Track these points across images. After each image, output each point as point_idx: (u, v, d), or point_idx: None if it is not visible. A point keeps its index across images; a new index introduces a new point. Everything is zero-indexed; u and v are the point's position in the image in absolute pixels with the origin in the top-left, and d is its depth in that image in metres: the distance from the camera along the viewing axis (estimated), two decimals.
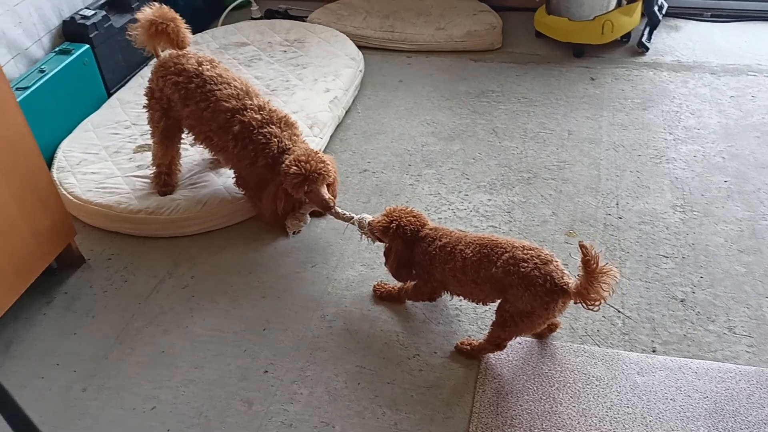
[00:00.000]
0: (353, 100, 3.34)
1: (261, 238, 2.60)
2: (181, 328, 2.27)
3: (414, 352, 2.14)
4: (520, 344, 2.14)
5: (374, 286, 2.35)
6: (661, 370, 2.05)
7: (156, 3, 2.53)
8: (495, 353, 2.10)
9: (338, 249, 2.52)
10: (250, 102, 2.43)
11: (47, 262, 2.36)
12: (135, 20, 2.51)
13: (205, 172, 2.79)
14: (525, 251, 1.88)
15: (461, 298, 2.13)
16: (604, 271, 1.74)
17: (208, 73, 2.46)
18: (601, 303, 1.78)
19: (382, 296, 2.32)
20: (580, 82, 3.39)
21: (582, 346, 2.13)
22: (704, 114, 3.11)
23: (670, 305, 2.24)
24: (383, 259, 2.19)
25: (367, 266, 2.44)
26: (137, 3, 3.45)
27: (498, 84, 3.41)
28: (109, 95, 3.33)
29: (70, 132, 3.06)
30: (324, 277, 2.42)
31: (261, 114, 2.41)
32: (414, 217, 2.10)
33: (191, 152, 2.87)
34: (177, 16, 2.52)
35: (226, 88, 2.43)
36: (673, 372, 2.04)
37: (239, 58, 3.51)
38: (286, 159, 2.34)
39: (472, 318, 2.23)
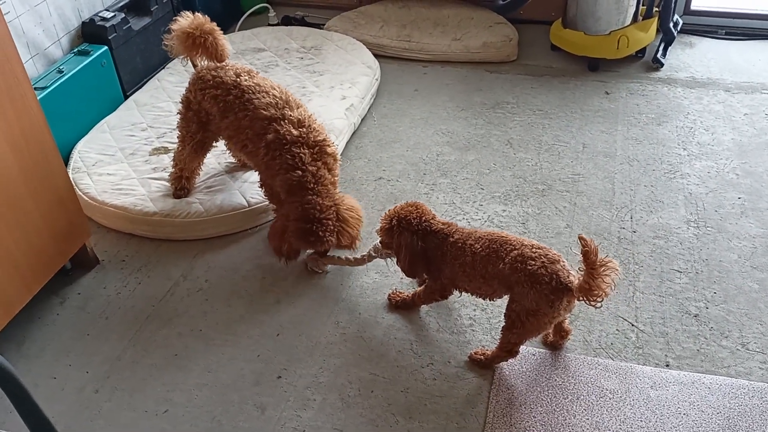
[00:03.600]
0: (369, 108, 3.35)
1: None
2: (195, 331, 2.28)
3: (428, 360, 2.15)
4: (533, 355, 2.14)
5: (389, 295, 2.35)
6: (674, 384, 2.05)
7: (190, 12, 2.46)
8: (508, 362, 2.10)
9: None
10: (289, 113, 2.34)
11: (62, 262, 2.37)
12: (170, 30, 2.46)
13: (222, 175, 2.80)
14: (533, 249, 1.90)
15: (469, 294, 2.12)
16: (605, 263, 1.75)
17: (246, 83, 2.41)
18: (603, 298, 1.79)
19: (397, 305, 2.32)
20: (595, 96, 3.40)
21: (596, 359, 2.13)
22: (718, 130, 3.12)
23: (684, 320, 2.24)
24: (398, 268, 2.19)
25: (381, 274, 2.45)
26: (156, 6, 3.48)
27: (513, 96, 3.42)
28: (126, 97, 3.35)
29: (86, 133, 3.07)
30: (338, 283, 2.42)
31: (299, 130, 2.31)
32: (412, 206, 2.07)
33: (208, 156, 2.88)
34: (215, 27, 2.46)
35: (264, 97, 2.37)
36: (686, 387, 2.04)
37: (256, 63, 3.53)
38: (302, 200, 2.25)
39: (486, 328, 2.23)
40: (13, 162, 2.07)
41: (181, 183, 2.68)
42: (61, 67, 2.99)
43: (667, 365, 2.11)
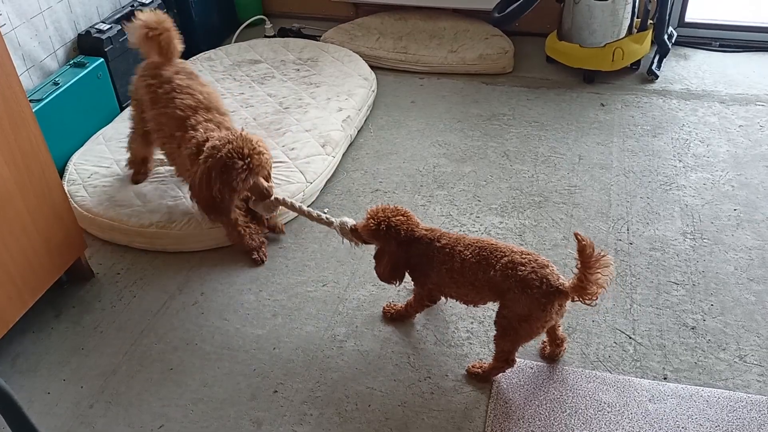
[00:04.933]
0: (366, 120, 3.35)
1: (272, 256, 2.60)
2: (191, 345, 2.26)
3: (425, 374, 2.13)
4: (531, 369, 2.13)
5: (384, 308, 2.34)
6: (672, 397, 2.05)
7: (157, 9, 2.55)
8: (506, 376, 2.09)
9: (350, 269, 2.52)
10: (204, 115, 2.41)
11: (57, 276, 2.35)
12: (131, 20, 2.54)
13: None
14: (523, 256, 1.92)
15: (454, 299, 2.12)
16: (601, 257, 1.78)
17: (179, 81, 2.48)
18: (598, 296, 1.82)
19: (392, 317, 2.31)
20: (591, 108, 3.41)
21: (593, 372, 2.12)
22: (713, 142, 3.13)
23: (681, 332, 2.24)
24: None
25: (378, 286, 2.44)
26: None
27: (509, 107, 3.43)
28: (122, 109, 3.34)
29: (81, 145, 3.07)
30: (335, 296, 2.42)
31: (193, 106, 2.42)
32: (403, 215, 2.05)
33: None
34: (171, 26, 2.54)
35: (186, 99, 2.44)
36: (684, 400, 2.04)
37: (252, 75, 3.54)
38: (219, 144, 2.25)
39: (483, 341, 2.22)
40: (9, 175, 2.06)
41: (136, 167, 2.78)
42: (56, 79, 2.98)
43: (665, 378, 2.10)
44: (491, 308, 2.12)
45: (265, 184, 2.32)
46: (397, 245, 2.04)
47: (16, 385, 2.15)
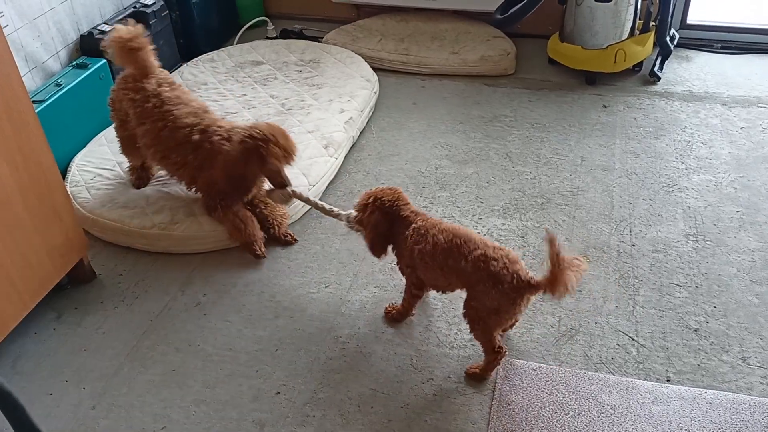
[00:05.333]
0: (367, 122, 3.35)
1: (275, 257, 2.59)
2: (193, 346, 2.26)
3: (428, 376, 2.13)
4: (534, 370, 2.13)
5: (386, 309, 2.34)
6: (675, 399, 2.04)
7: (133, 22, 2.56)
8: (508, 378, 2.09)
9: (352, 270, 2.52)
10: (207, 114, 2.52)
11: (59, 277, 2.35)
12: (108, 35, 2.57)
13: None
14: (495, 251, 1.95)
15: (426, 286, 2.16)
16: (572, 264, 1.82)
17: (166, 94, 2.52)
18: (564, 295, 1.85)
19: (393, 318, 2.31)
20: (593, 110, 3.40)
21: (596, 374, 2.11)
22: (716, 144, 3.12)
23: (684, 334, 2.24)
24: (397, 282, 2.19)
25: (381, 288, 2.43)
26: (155, 19, 3.48)
27: (511, 109, 3.42)
28: None
29: (84, 146, 3.07)
30: (338, 298, 2.41)
31: (193, 112, 2.50)
32: (391, 190, 2.13)
33: None
34: (146, 42, 2.54)
35: (184, 107, 2.51)
36: (687, 402, 2.03)
37: (254, 76, 3.54)
38: (253, 134, 2.36)
39: None
40: (10, 177, 2.06)
41: (136, 173, 2.79)
42: (59, 81, 2.98)
43: (668, 380, 2.10)
44: None
45: (282, 170, 2.40)
46: (381, 215, 2.10)
47: (18, 386, 2.14)
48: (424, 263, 2.05)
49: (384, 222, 2.10)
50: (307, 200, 2.50)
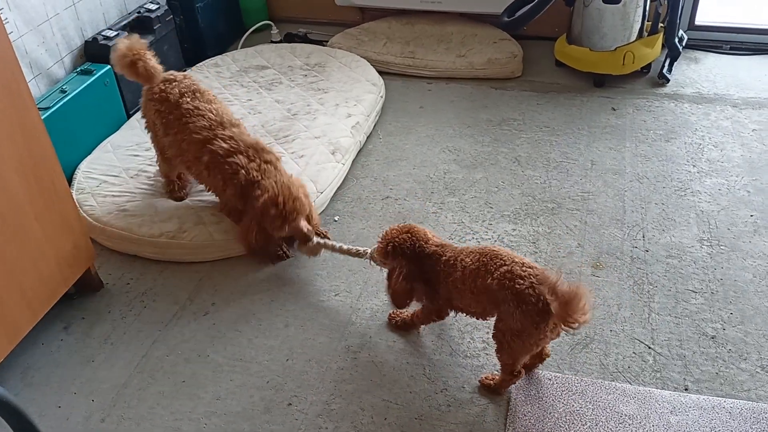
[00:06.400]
0: (374, 126, 3.32)
1: (283, 265, 2.56)
2: (203, 357, 2.23)
3: (441, 386, 2.10)
4: (549, 380, 2.10)
5: (390, 314, 2.31)
6: (694, 409, 2.01)
7: (133, 34, 2.58)
8: (524, 388, 2.06)
9: (362, 277, 2.49)
10: (221, 132, 2.46)
11: (67, 287, 2.32)
12: (114, 48, 2.56)
13: None
14: (524, 268, 1.85)
15: (465, 314, 2.10)
16: (574, 294, 1.70)
17: (185, 106, 2.51)
18: (580, 325, 1.74)
19: (397, 325, 2.28)
20: (602, 112, 3.37)
21: (613, 383, 2.08)
22: (727, 147, 3.09)
23: (701, 342, 2.20)
24: None
25: None
26: (159, 24, 3.46)
27: (519, 112, 3.39)
28: (129, 116, 3.31)
29: (89, 153, 3.04)
30: (348, 306, 2.38)
31: (228, 143, 2.44)
32: (407, 233, 2.05)
33: None
34: (145, 51, 2.53)
35: (199, 120, 2.48)
36: (706, 411, 2.00)
37: (260, 81, 3.51)
38: (258, 195, 2.35)
39: None
40: (20, 186, 2.03)
41: (174, 187, 2.76)
42: (64, 87, 2.95)
43: (686, 389, 2.07)
44: None
45: (306, 228, 2.37)
46: (407, 262, 2.04)
47: (27, 398, 2.12)
48: (458, 291, 1.98)
49: (412, 267, 2.04)
50: (332, 248, 2.42)
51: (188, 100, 2.53)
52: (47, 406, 2.10)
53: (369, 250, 2.26)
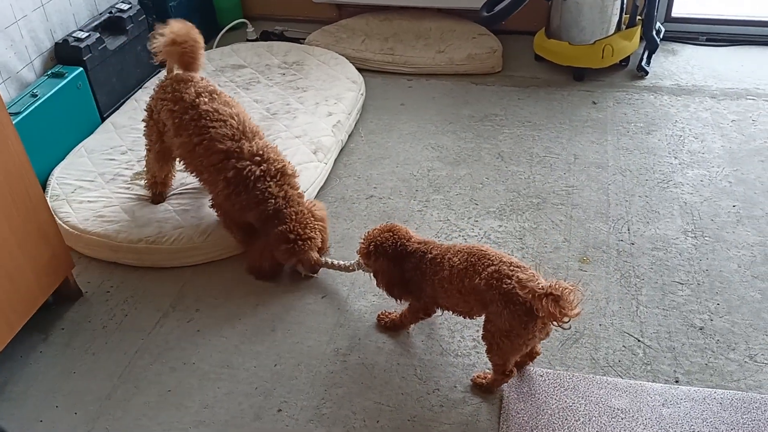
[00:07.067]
0: (355, 124, 3.28)
1: None
2: (188, 365, 2.18)
3: (433, 386, 2.07)
4: (541, 377, 2.08)
5: (378, 315, 2.28)
6: (685, 401, 2.01)
7: (182, 20, 2.47)
8: (516, 385, 2.04)
9: (348, 279, 2.45)
10: (247, 145, 2.35)
11: (45, 297, 2.25)
12: (160, 34, 2.45)
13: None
14: (512, 268, 1.84)
15: (451, 312, 2.08)
16: (562, 290, 1.69)
17: (204, 107, 2.39)
18: (569, 320, 1.73)
19: (386, 326, 2.26)
20: (583, 106, 3.37)
21: (604, 377, 2.08)
22: (707, 138, 3.11)
23: (690, 333, 2.21)
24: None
25: (379, 296, 2.37)
26: (131, 24, 3.38)
27: (501, 108, 3.38)
28: (103, 119, 3.23)
29: (62, 158, 2.96)
30: (335, 308, 2.35)
31: (260, 168, 2.33)
32: (388, 232, 2.04)
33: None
34: (199, 39, 2.48)
35: (221, 127, 2.36)
36: (698, 403, 2.00)
37: (237, 80, 3.45)
38: (277, 224, 2.31)
39: None
40: None
41: (157, 188, 2.68)
42: (35, 91, 2.87)
43: (677, 381, 2.07)
44: None
45: (314, 258, 2.36)
46: (388, 262, 2.03)
47: (6, 413, 2.05)
48: (444, 291, 1.96)
49: (393, 267, 2.03)
50: (334, 266, 2.37)
51: (206, 100, 2.41)
52: (28, 421, 2.03)
53: (356, 261, 2.26)
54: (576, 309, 1.72)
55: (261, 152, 2.36)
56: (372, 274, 2.14)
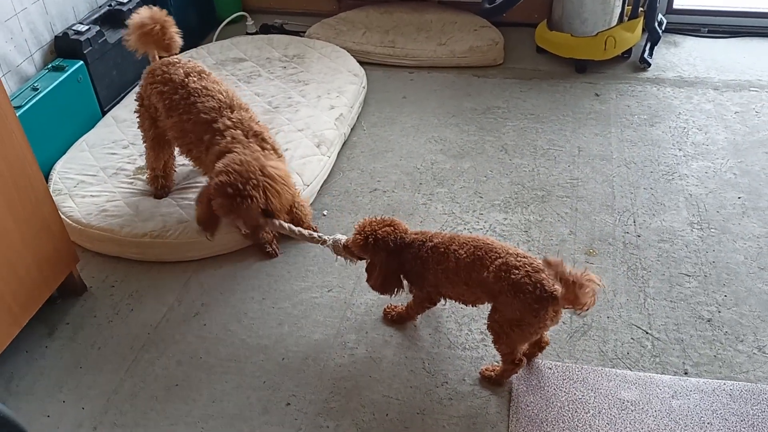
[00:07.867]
0: (358, 117, 3.27)
1: (274, 262, 2.50)
2: (195, 358, 2.17)
3: (442, 379, 2.07)
4: (550, 369, 2.08)
5: (384, 309, 2.27)
6: (695, 392, 2.01)
7: (151, 6, 2.48)
8: (525, 378, 2.04)
9: (354, 272, 2.44)
10: (229, 113, 2.31)
11: (50, 292, 2.24)
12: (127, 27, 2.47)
13: None
14: (518, 258, 1.84)
15: (453, 300, 2.07)
16: (584, 278, 1.69)
17: (193, 85, 2.38)
18: (587, 308, 1.73)
19: (393, 319, 2.25)
20: (586, 98, 3.36)
21: (613, 369, 2.07)
22: (711, 130, 3.11)
23: (698, 325, 2.21)
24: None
25: None
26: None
27: (503, 100, 3.37)
28: (104, 113, 3.21)
29: (63, 153, 2.93)
30: (342, 301, 2.33)
31: (232, 121, 2.28)
32: (389, 225, 2.01)
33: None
34: (168, 18, 2.47)
35: (208, 101, 2.34)
36: (707, 395, 2.00)
37: (238, 74, 3.42)
38: (219, 174, 2.09)
39: None
40: None
41: (159, 182, 2.66)
42: (35, 84, 2.84)
43: (686, 373, 2.06)
44: None
45: (258, 221, 2.15)
46: (387, 255, 2.01)
47: (13, 408, 2.02)
48: (449, 281, 1.96)
49: (392, 261, 2.00)
50: (284, 230, 2.20)
51: (195, 79, 2.40)
52: (35, 416, 2.02)
53: (332, 239, 2.13)
54: (594, 296, 1.74)
55: (242, 119, 2.30)
56: (366, 266, 2.10)
